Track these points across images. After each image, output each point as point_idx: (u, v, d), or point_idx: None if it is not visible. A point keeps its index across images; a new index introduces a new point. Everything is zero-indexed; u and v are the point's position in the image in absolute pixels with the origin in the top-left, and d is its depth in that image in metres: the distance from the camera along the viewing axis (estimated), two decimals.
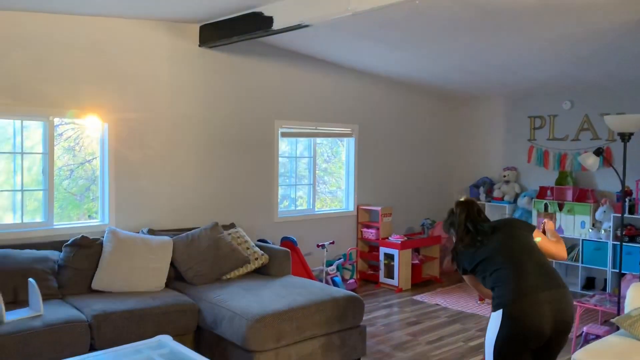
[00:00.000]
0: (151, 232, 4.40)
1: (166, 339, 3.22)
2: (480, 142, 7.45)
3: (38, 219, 4.30)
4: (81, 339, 3.28)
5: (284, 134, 5.74)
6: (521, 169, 7.02)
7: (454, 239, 2.81)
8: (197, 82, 5.02)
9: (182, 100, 4.92)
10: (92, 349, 3.33)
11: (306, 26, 4.00)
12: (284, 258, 4.56)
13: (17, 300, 3.54)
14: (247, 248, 4.56)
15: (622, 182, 4.18)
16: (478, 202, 6.73)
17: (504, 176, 7.02)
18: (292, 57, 5.67)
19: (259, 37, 4.54)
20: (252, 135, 5.44)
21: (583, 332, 4.26)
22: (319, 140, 6.19)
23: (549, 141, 6.72)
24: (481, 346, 4.41)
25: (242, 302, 3.64)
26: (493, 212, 7.03)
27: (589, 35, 4.24)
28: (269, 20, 4.20)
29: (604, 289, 6.07)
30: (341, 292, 3.93)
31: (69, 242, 3.95)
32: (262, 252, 4.58)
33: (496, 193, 7.04)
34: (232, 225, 4.88)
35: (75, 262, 3.88)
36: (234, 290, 3.91)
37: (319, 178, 6.32)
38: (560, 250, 2.76)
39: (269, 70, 5.52)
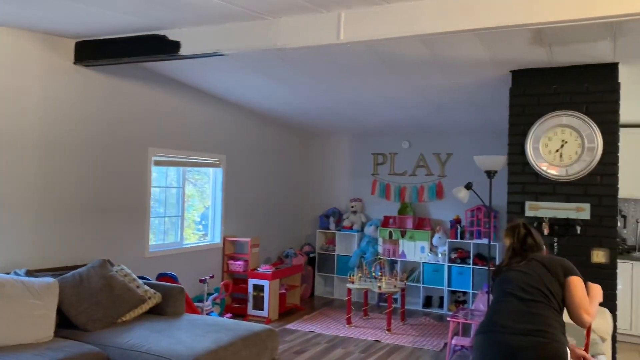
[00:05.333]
0: (29, 273, 3.74)
1: None
2: (329, 176, 7.97)
3: None
4: None
5: (157, 162, 5.41)
6: (366, 200, 7.70)
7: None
8: (71, 103, 4.48)
9: (53, 122, 4.34)
10: None
11: (221, 55, 3.96)
12: (178, 296, 4.29)
13: None
14: (138, 287, 4.18)
15: (489, 212, 4.95)
16: (330, 230, 7.47)
17: (352, 207, 7.62)
18: (165, 82, 5.44)
19: (162, 61, 4.30)
20: (124, 162, 5.02)
21: (452, 344, 4.86)
22: (187, 170, 5.97)
23: (390, 176, 7.53)
24: None
25: (163, 344, 3.35)
26: (343, 241, 7.57)
27: (454, 88, 5.00)
28: (175, 44, 4.04)
29: (440, 305, 6.99)
30: (257, 326, 3.87)
31: None
32: (153, 290, 4.24)
33: (345, 222, 7.59)
34: (110, 263, 4.42)
35: None
36: (143, 334, 3.56)
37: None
38: (586, 310, 2.41)
39: (143, 96, 5.19)
